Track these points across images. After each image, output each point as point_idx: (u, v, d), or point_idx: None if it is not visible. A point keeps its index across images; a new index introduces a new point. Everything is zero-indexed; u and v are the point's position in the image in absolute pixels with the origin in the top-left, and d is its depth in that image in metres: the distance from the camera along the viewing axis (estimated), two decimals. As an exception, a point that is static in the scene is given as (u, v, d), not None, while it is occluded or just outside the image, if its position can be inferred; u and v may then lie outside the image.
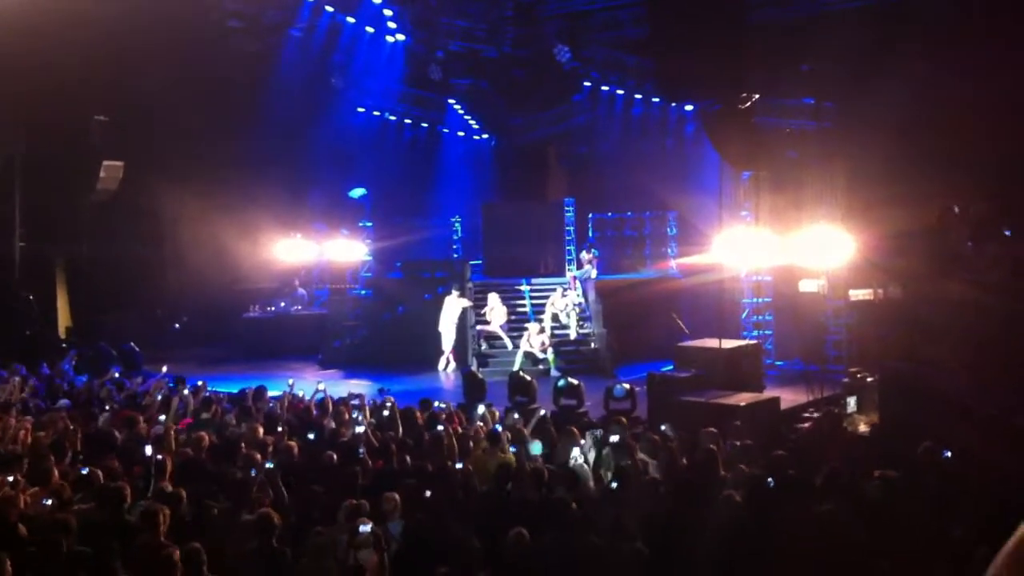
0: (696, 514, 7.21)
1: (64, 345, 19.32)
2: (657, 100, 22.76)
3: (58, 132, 19.51)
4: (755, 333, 19.68)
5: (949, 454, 9.06)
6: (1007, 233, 15.25)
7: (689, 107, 22.57)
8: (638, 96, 22.79)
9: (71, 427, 10.41)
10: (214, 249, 23.21)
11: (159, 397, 12.75)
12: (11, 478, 7.44)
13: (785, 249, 17.72)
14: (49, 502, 7.46)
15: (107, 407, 12.44)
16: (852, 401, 14.58)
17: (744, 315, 20.13)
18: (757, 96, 19.44)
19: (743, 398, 13.75)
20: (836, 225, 16.86)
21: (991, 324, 13.37)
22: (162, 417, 11.34)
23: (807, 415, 14.61)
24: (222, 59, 20.12)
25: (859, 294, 17.27)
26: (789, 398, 15.40)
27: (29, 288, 20.55)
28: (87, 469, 8.54)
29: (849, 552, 6.61)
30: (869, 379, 14.76)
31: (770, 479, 7.91)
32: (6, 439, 9.97)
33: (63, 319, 21.91)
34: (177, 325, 24.52)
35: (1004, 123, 14.92)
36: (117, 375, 15.11)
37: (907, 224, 16.54)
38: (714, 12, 18.81)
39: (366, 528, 6.50)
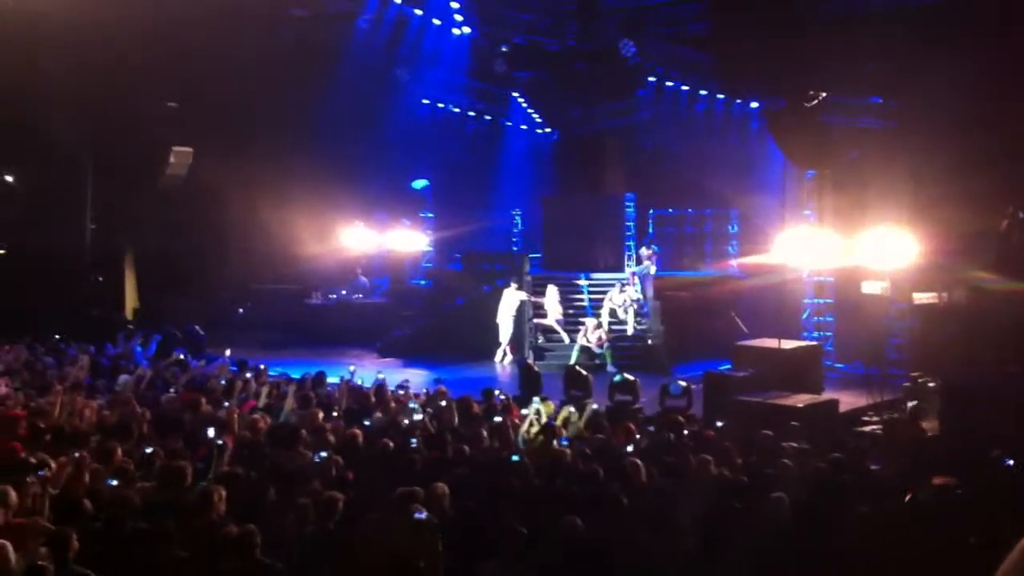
0: (748, 514, 7.21)
1: (131, 327, 19.78)
2: (721, 97, 22.56)
3: (127, 120, 19.92)
4: (816, 334, 19.47)
5: (1012, 463, 8.90)
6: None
7: (754, 104, 22.34)
8: (702, 92, 22.60)
9: (138, 408, 10.69)
10: (278, 236, 23.58)
11: (222, 380, 13.03)
12: (76, 455, 7.64)
13: (848, 250, 17.49)
14: (114, 481, 7.67)
15: (172, 388, 12.74)
16: (913, 406, 14.35)
17: (805, 316, 19.92)
18: (824, 94, 19.19)
19: (801, 399, 13.63)
20: (900, 226, 16.59)
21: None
22: (226, 402, 11.57)
23: (866, 419, 14.45)
24: (287, 49, 20.36)
25: (923, 297, 16.98)
26: (848, 401, 15.23)
27: (99, 271, 21.09)
28: (151, 449, 8.77)
29: (897, 559, 6.55)
30: (931, 384, 14.52)
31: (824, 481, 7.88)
32: (73, 417, 10.27)
33: (130, 302, 22.45)
34: (241, 310, 24.95)
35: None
36: (182, 357, 15.45)
37: (972, 226, 16.25)
38: (778, 7, 18.60)
39: (421, 515, 6.57)
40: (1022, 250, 15.03)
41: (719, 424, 11.29)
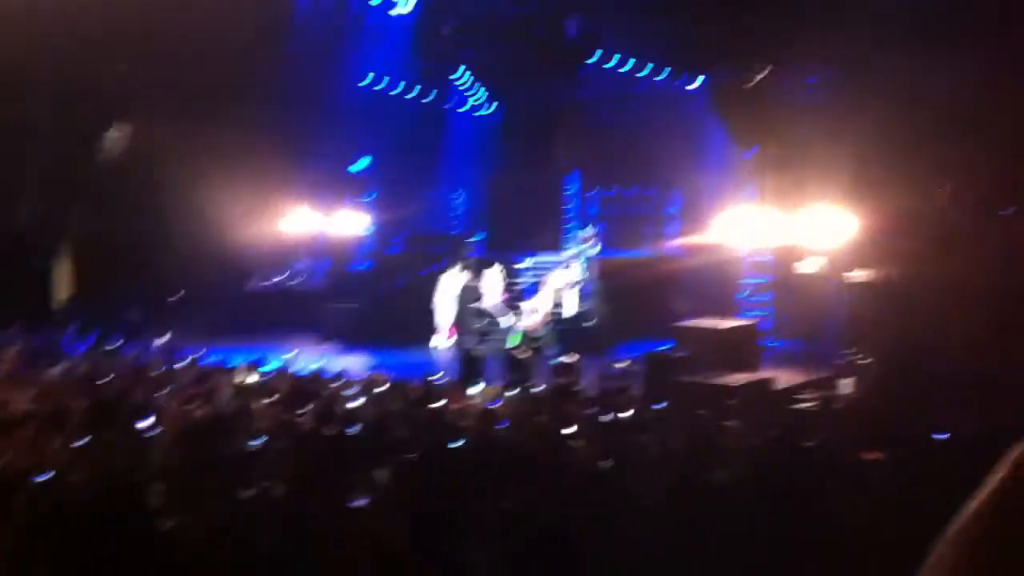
0: (689, 492, 7.29)
1: (65, 314, 19.38)
2: (666, 75, 22.55)
3: (60, 98, 19.43)
4: (754, 312, 19.70)
5: (943, 437, 9.10)
6: (1009, 212, 15.24)
7: (697, 82, 22.37)
8: (647, 69, 22.57)
9: (71, 396, 10.49)
10: (216, 219, 23.21)
11: (160, 368, 12.85)
12: (8, 447, 7.49)
13: (788, 228, 17.70)
14: (49, 475, 7.52)
15: (108, 376, 12.53)
16: (848, 382, 14.63)
17: (744, 295, 20.14)
18: (767, 70, 19.29)
19: (739, 378, 13.82)
20: (840, 205, 16.82)
21: (992, 307, 13.39)
22: (163, 389, 11.41)
23: (803, 395, 14.68)
24: (224, 26, 19.98)
25: (859, 275, 17.26)
26: (786, 378, 15.46)
27: (32, 256, 20.62)
28: (86, 439, 8.61)
29: (833, 532, 6.67)
30: (866, 360, 14.80)
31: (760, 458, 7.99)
32: (4, 406, 10.05)
33: (66, 288, 21.99)
34: (178, 296, 24.54)
35: (1010, 101, 14.83)
36: (119, 344, 15.22)
37: (910, 204, 16.52)
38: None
39: (362, 502, 6.56)
40: (958, 227, 15.32)
41: (661, 405, 11.38)
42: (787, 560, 6.51)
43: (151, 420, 9.10)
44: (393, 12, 21.59)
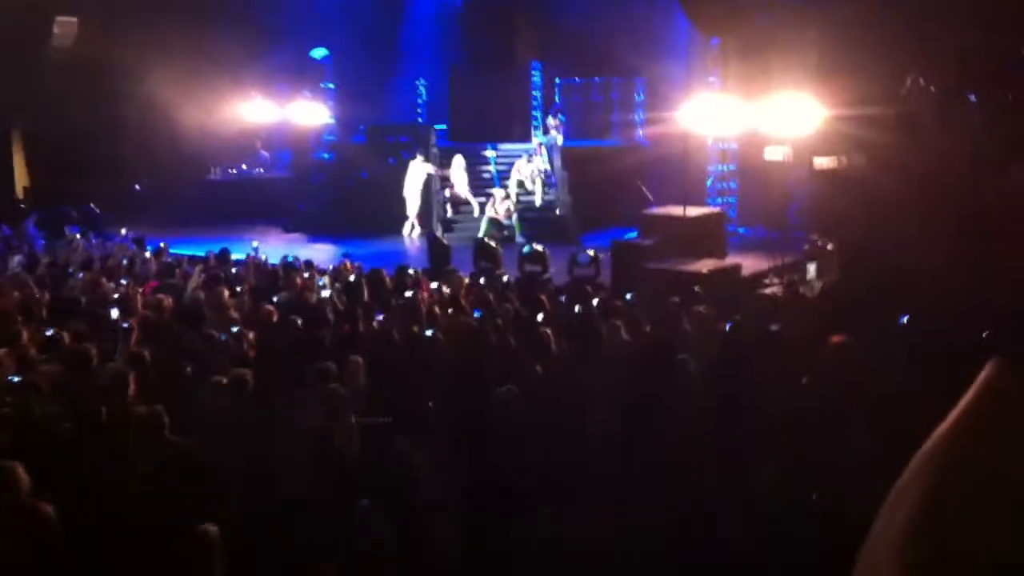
0: (660, 379, 7.39)
1: (23, 207, 19.03)
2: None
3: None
4: (719, 200, 19.76)
5: (906, 320, 9.26)
6: (972, 99, 15.24)
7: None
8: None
9: (36, 289, 10.37)
10: (173, 109, 22.68)
11: (123, 260, 12.70)
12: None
13: (752, 116, 17.63)
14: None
15: (69, 269, 12.37)
16: (812, 268, 14.79)
17: (709, 182, 20.15)
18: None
19: (705, 265, 13.92)
20: (804, 93, 16.73)
21: (952, 190, 13.48)
22: (124, 280, 11.31)
23: (768, 281, 14.85)
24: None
25: (823, 162, 17.28)
26: (751, 265, 15.60)
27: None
28: (52, 331, 8.54)
29: (800, 415, 6.81)
30: (830, 247, 14.94)
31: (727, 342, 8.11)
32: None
33: (21, 182, 21.53)
34: (137, 187, 24.15)
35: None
36: (77, 236, 14.99)
37: (875, 93, 16.44)
38: None
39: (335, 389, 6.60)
40: (920, 115, 15.32)
41: (628, 295, 11.45)
42: (753, 445, 6.67)
43: (116, 312, 9.03)
44: None
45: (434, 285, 12.02)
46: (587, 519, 5.85)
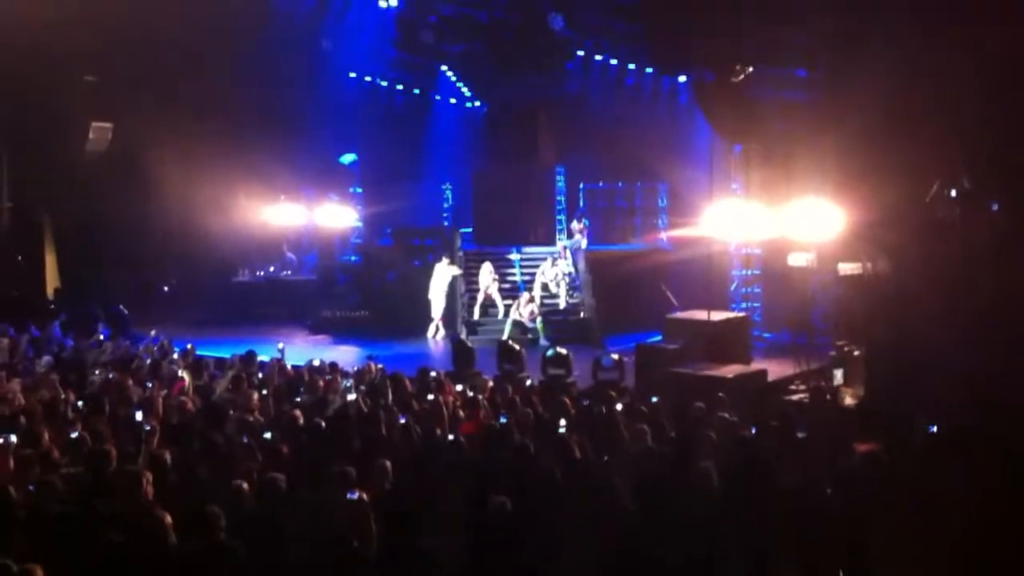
0: (682, 483, 7.28)
1: (52, 307, 19.26)
2: (650, 71, 22.61)
3: (45, 94, 19.28)
4: (744, 305, 19.73)
5: (935, 429, 9.12)
6: (994, 207, 15.26)
7: (682, 78, 22.41)
8: (631, 66, 22.63)
9: (62, 390, 10.44)
10: (203, 211, 23.08)
11: (148, 361, 12.78)
12: (2, 440, 7.44)
13: (775, 222, 17.71)
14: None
15: (96, 370, 12.45)
16: (839, 374, 14.65)
17: (733, 287, 20.15)
18: (751, 68, 19.33)
19: (730, 370, 13.83)
20: (826, 198, 16.84)
21: (978, 296, 13.40)
22: (150, 382, 11.37)
23: (794, 387, 14.71)
24: (209, 20, 19.84)
25: (848, 268, 17.27)
26: (776, 370, 15.48)
27: (17, 250, 20.45)
28: (76, 433, 8.56)
29: (824, 524, 6.67)
30: (856, 352, 14.82)
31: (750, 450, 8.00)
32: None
33: (51, 281, 21.84)
34: (166, 288, 24.45)
35: (994, 95, 14.85)
36: (104, 338, 15.11)
37: (897, 197, 16.51)
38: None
39: (354, 496, 6.53)
40: (944, 220, 15.34)
41: (654, 399, 11.37)
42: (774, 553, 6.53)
43: (140, 413, 9.05)
44: (382, 3, 21.48)
45: (459, 387, 11.99)
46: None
